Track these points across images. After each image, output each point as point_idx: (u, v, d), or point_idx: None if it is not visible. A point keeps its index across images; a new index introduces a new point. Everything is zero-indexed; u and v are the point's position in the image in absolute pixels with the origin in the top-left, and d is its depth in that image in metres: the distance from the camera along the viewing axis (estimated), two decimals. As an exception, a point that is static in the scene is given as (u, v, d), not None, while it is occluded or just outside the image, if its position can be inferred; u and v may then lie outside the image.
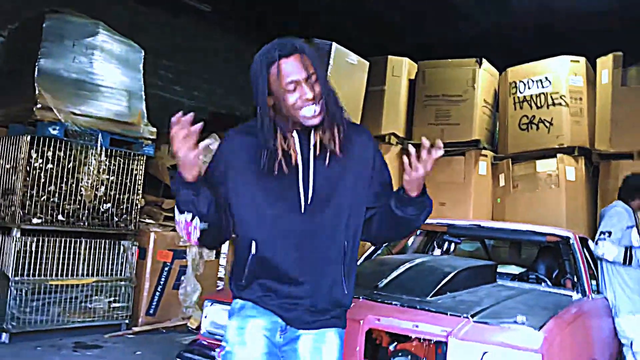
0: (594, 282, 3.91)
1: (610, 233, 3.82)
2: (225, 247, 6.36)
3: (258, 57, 1.80)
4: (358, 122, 6.79)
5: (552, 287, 3.62)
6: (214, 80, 8.99)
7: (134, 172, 5.43)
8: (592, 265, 4.06)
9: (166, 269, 5.65)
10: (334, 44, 6.56)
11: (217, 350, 1.95)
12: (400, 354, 2.63)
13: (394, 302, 2.66)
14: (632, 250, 3.78)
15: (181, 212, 1.76)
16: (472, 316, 2.50)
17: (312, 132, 1.78)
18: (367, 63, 6.99)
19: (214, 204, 1.76)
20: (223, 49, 9.00)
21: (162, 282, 5.64)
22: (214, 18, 8.45)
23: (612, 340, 3.76)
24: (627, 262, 3.77)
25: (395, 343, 2.72)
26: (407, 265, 3.11)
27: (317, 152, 1.78)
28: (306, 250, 1.76)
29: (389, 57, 7.47)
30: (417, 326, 2.44)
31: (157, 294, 5.61)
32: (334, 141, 1.76)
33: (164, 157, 5.99)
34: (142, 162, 5.49)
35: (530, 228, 3.98)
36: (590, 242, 4.38)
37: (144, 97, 5.57)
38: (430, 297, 2.77)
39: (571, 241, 3.75)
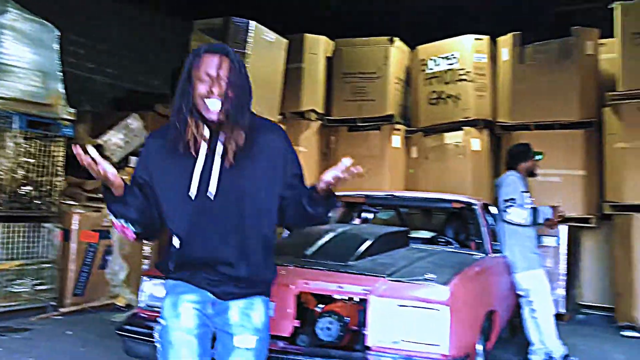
0: (495, 243, 4.39)
1: (514, 199, 4.28)
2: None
3: (191, 52, 1.98)
4: (278, 99, 6.97)
5: (458, 249, 4.06)
6: (128, 57, 8.84)
7: (54, 154, 5.37)
8: (493, 228, 4.53)
9: (91, 249, 5.65)
10: (252, 22, 6.68)
11: (156, 326, 2.10)
12: (326, 314, 2.91)
13: (320, 268, 2.94)
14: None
15: (115, 216, 1.93)
16: (389, 276, 2.83)
17: (216, 135, 1.95)
18: (286, 41, 7.14)
19: (144, 209, 1.93)
20: (138, 26, 8.85)
21: (88, 263, 5.64)
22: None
23: (510, 293, 4.25)
24: (535, 222, 4.25)
25: (322, 305, 3.00)
26: (331, 234, 3.40)
27: (225, 148, 1.94)
28: (223, 236, 1.93)
29: (306, 35, 7.66)
30: (341, 287, 2.74)
31: (84, 274, 5.61)
32: (235, 142, 1.92)
33: (84, 137, 5.93)
34: (62, 143, 5.42)
35: (438, 196, 4.39)
36: (492, 208, 4.87)
37: (61, 77, 5.46)
38: (352, 261, 3.07)
39: (475, 207, 4.19)
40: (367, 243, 3.26)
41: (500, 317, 3.56)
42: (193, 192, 1.91)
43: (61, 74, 5.49)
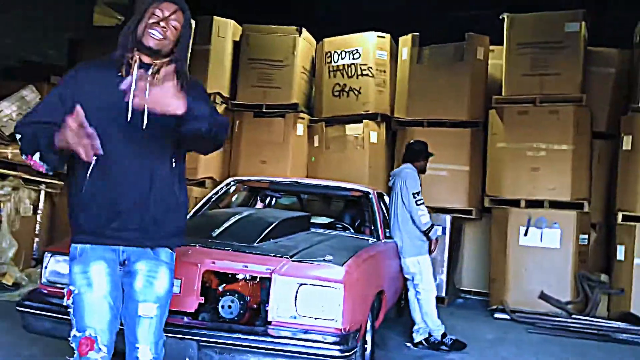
0: (388, 230, 4.73)
1: (419, 192, 4.63)
2: (41, 204, 6.20)
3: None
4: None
5: (354, 234, 4.35)
6: (22, 25, 8.33)
7: (-62, 122, 5.04)
8: (386, 215, 4.88)
9: (-22, 225, 5.38)
10: (160, 1, 6.59)
11: (65, 292, 2.12)
12: (228, 293, 3.05)
13: (226, 248, 3.08)
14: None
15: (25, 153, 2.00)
16: (291, 257, 3.02)
17: (149, 68, 2.08)
18: (192, 21, 7.10)
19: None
20: None
21: (-27, 239, 5.37)
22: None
23: (398, 276, 4.62)
24: (430, 227, 4.61)
25: (224, 285, 3.14)
26: (237, 217, 3.54)
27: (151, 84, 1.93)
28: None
29: (215, 17, 7.66)
30: (246, 266, 2.89)
31: (-32, 251, 5.34)
32: (168, 78, 1.91)
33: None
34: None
35: (339, 185, 4.65)
36: (386, 197, 5.22)
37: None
38: (257, 243, 3.23)
39: (370, 196, 4.50)
40: (271, 226, 3.44)
41: (388, 297, 3.89)
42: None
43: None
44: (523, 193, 6.41)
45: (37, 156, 1.98)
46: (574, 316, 5.99)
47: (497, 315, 6.28)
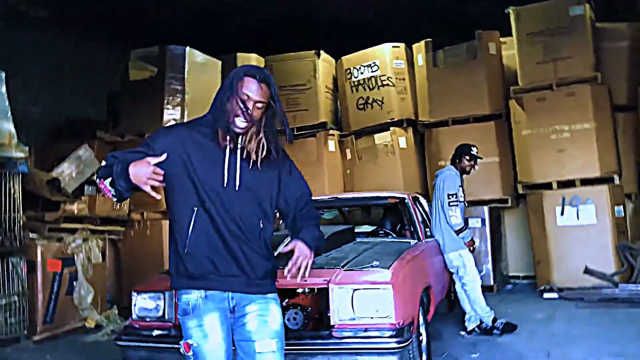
0: (428, 230, 5.07)
1: (455, 195, 4.94)
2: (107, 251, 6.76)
3: (238, 68, 2.31)
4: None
5: (396, 238, 4.72)
6: (61, 85, 8.90)
7: (12, 191, 5.63)
8: (425, 217, 5.23)
9: (57, 277, 5.93)
10: (187, 48, 7.16)
11: (182, 344, 2.32)
12: (291, 307, 3.46)
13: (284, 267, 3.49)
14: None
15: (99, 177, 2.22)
16: (342, 267, 3.42)
17: (241, 139, 2.28)
18: (218, 61, 7.66)
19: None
20: (69, 54, 8.97)
21: (54, 291, 5.91)
22: (54, 25, 8.45)
23: (443, 271, 4.96)
24: (462, 229, 4.93)
25: (287, 299, 3.55)
26: (288, 238, 3.96)
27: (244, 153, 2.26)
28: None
29: (238, 54, 8.19)
30: (305, 280, 3.30)
31: (52, 302, 5.88)
32: (255, 152, 2.24)
33: (37, 172, 6.20)
34: (18, 180, 5.70)
35: (374, 195, 5.04)
36: (422, 199, 5.57)
37: (11, 118, 5.73)
38: (310, 259, 3.63)
39: (406, 201, 4.86)
40: (320, 242, 3.84)
41: (436, 291, 4.24)
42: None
43: (10, 114, 5.75)
44: (553, 175, 6.67)
45: (108, 181, 2.12)
46: (620, 286, 6.18)
47: (546, 295, 6.53)
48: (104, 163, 2.25)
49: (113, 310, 6.38)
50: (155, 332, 3.30)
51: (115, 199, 2.22)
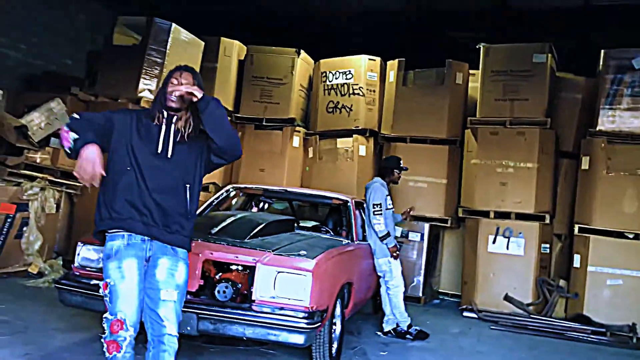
0: (365, 233, 5.48)
1: (380, 204, 5.36)
2: (62, 203, 6.97)
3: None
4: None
5: (332, 236, 5.11)
6: (42, 35, 8.96)
7: (-22, 131, 5.83)
8: (364, 220, 5.63)
9: (9, 220, 6.15)
10: (173, 24, 7.42)
11: (102, 284, 2.76)
12: (223, 280, 3.81)
13: (222, 242, 3.84)
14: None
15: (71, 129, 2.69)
16: (273, 251, 3.78)
17: (174, 117, 2.89)
18: (202, 42, 7.92)
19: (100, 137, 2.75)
20: (53, 4, 9.01)
21: (4, 232, 6.13)
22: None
23: (371, 273, 5.37)
24: (385, 236, 5.34)
25: (220, 274, 3.89)
26: (232, 217, 4.31)
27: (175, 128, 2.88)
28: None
29: (222, 38, 8.46)
30: (237, 257, 3.66)
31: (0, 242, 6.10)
32: (183, 127, 2.88)
33: (6, 117, 6.38)
34: (-14, 121, 5.89)
35: (321, 193, 5.43)
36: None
37: (-13, 59, 5.91)
38: (247, 239, 3.99)
39: (348, 204, 5.27)
40: (260, 226, 4.21)
41: (357, 289, 4.64)
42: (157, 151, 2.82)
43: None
44: (492, 205, 7.15)
45: (72, 135, 2.63)
46: (532, 316, 6.72)
47: (465, 313, 7.01)
48: (76, 116, 2.75)
49: (58, 260, 6.62)
50: (93, 282, 3.61)
51: (67, 152, 2.68)
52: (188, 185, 2.87)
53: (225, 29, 8.78)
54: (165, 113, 2.87)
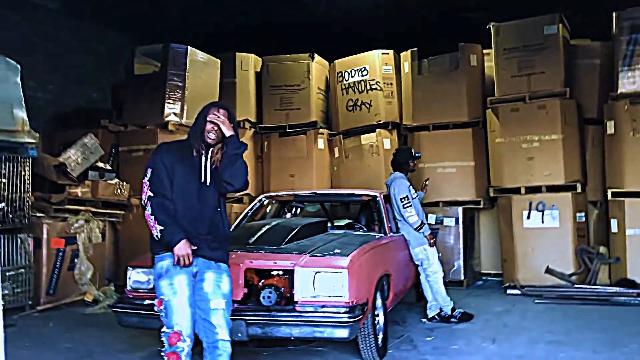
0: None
1: (407, 197, 5.49)
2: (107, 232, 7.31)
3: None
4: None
5: (365, 231, 5.27)
6: (67, 72, 9.31)
7: (22, 173, 6.18)
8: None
9: (60, 254, 6.49)
10: (189, 47, 7.69)
11: (156, 302, 3.04)
12: (267, 287, 4.00)
13: (260, 251, 4.04)
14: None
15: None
16: (309, 253, 3.96)
17: (210, 150, 3.14)
18: (217, 60, 8.19)
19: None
20: (75, 41, 9.34)
21: (57, 266, 6.48)
22: (63, 14, 8.91)
23: (408, 263, 5.51)
24: (420, 225, 5.47)
25: (263, 280, 4.09)
26: (267, 226, 4.51)
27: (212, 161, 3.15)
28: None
29: (237, 53, 8.71)
30: (275, 262, 3.85)
31: (55, 276, 6.45)
32: (219, 160, 3.14)
33: (45, 156, 6.74)
34: (28, 163, 6.24)
35: (349, 192, 5.60)
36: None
37: (24, 106, 6.26)
38: (283, 245, 4.18)
39: (377, 199, 5.42)
40: (294, 231, 4.40)
41: (396, 279, 4.79)
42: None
43: (23, 102, 6.28)
44: (522, 181, 7.19)
45: (159, 227, 2.97)
46: (576, 286, 6.73)
47: (509, 291, 7.07)
48: (155, 201, 3.06)
49: (110, 286, 6.95)
50: (146, 302, 3.86)
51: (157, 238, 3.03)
52: (220, 208, 3.18)
53: (233, 44, 9.00)
54: (203, 145, 3.13)
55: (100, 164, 7.34)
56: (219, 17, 9.19)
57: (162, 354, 2.97)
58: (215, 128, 3.08)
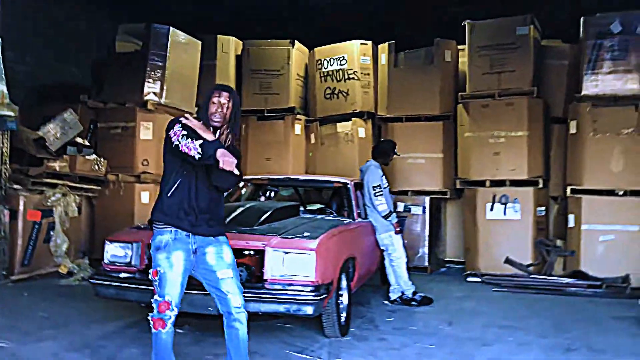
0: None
1: (379, 185, 5.77)
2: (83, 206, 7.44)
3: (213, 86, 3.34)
4: (194, 92, 8.15)
5: (335, 216, 5.53)
6: (47, 48, 9.28)
7: (0, 145, 6.26)
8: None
9: (36, 226, 6.60)
10: (171, 27, 7.78)
11: (151, 272, 3.19)
12: (238, 265, 4.22)
13: (234, 231, 4.26)
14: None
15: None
16: (280, 235, 4.20)
17: (217, 132, 3.26)
18: (199, 42, 8.29)
19: None
20: (57, 16, 9.34)
21: (33, 238, 6.56)
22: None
23: (374, 248, 5.80)
24: (388, 214, 5.75)
25: (235, 259, 4.31)
26: (242, 208, 4.73)
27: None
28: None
29: (219, 36, 8.83)
30: (248, 242, 4.08)
31: (30, 247, 6.53)
32: (224, 142, 3.21)
33: (24, 129, 6.82)
34: (6, 136, 6.32)
35: (321, 178, 5.85)
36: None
37: (4, 79, 6.31)
38: (256, 226, 4.41)
39: (348, 186, 5.68)
40: (266, 214, 4.63)
41: (361, 262, 5.07)
42: None
43: (3, 76, 6.33)
44: (487, 174, 7.52)
45: (199, 142, 3.01)
46: (532, 276, 7.11)
47: (469, 279, 7.43)
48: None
49: (84, 259, 7.10)
50: (123, 275, 4.07)
51: (196, 160, 3.06)
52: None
53: (215, 28, 9.10)
54: (212, 129, 3.23)
55: (79, 140, 7.44)
56: (202, -1, 9.27)
57: (149, 317, 3.16)
58: (220, 110, 3.18)
